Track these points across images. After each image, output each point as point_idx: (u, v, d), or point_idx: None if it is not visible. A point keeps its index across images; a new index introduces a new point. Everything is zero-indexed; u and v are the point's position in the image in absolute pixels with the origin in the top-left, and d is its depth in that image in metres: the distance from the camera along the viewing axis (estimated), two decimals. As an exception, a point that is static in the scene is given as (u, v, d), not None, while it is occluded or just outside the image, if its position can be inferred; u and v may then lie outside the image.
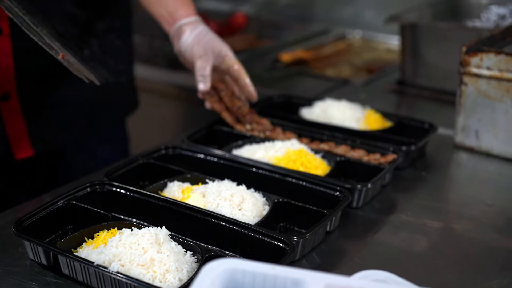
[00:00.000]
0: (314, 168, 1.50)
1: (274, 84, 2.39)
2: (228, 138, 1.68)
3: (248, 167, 1.47)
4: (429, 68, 2.25)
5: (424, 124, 1.77)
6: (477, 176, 1.71)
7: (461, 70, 1.75)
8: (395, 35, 2.50)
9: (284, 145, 1.56)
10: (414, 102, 2.25)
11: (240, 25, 3.06)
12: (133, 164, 1.49)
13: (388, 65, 2.58)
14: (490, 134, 1.74)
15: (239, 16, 3.10)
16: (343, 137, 1.68)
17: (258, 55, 2.70)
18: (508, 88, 1.68)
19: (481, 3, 2.63)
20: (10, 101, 1.70)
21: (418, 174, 1.65)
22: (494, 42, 1.85)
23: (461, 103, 1.77)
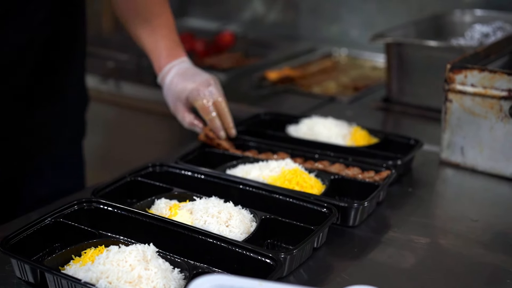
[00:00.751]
0: (310, 187, 1.50)
1: (261, 101, 2.41)
2: (221, 159, 1.68)
3: (236, 184, 1.48)
4: (414, 85, 2.27)
5: (410, 140, 1.78)
6: (463, 192, 1.73)
7: (446, 87, 1.77)
8: (381, 53, 2.53)
9: (278, 165, 1.56)
10: (400, 119, 2.27)
11: (227, 43, 3.08)
12: (121, 182, 1.49)
13: (374, 83, 2.60)
14: (475, 150, 1.76)
15: (226, 34, 3.12)
16: (333, 154, 1.68)
17: (245, 73, 2.71)
18: (492, 105, 1.70)
19: (465, 21, 2.66)
20: None
21: (404, 190, 1.66)
22: (478, 59, 1.88)
23: (446, 120, 1.79)
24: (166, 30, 1.81)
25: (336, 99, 2.43)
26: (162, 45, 1.79)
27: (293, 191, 1.46)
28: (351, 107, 2.34)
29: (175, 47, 1.81)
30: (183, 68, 1.78)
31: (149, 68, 2.80)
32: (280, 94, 2.51)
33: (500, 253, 1.39)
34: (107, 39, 3.35)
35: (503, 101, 1.68)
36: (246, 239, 1.27)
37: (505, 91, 1.68)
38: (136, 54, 2.91)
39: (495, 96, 1.69)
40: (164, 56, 1.79)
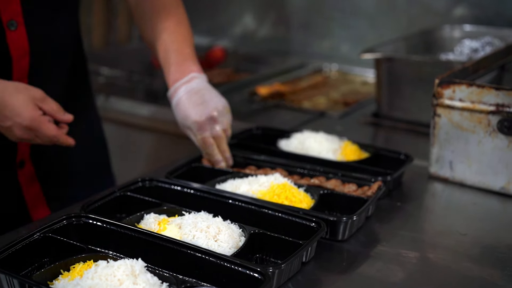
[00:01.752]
0: (299, 202, 1.51)
1: (252, 117, 2.41)
2: (210, 174, 1.68)
3: (225, 199, 1.48)
4: (404, 100, 2.28)
5: (400, 155, 1.79)
6: (451, 206, 1.73)
7: (434, 102, 1.78)
8: (371, 68, 2.54)
9: (268, 179, 1.57)
10: (390, 134, 2.28)
11: (218, 59, 3.10)
12: (110, 197, 1.49)
13: (364, 98, 2.62)
14: (464, 164, 1.77)
15: (217, 50, 3.14)
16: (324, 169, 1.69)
17: (236, 88, 2.72)
18: (480, 119, 1.72)
19: (454, 37, 2.69)
20: (25, 168, 1.76)
21: (394, 204, 1.66)
22: (466, 74, 1.89)
23: (435, 135, 1.80)
24: (176, 44, 1.75)
25: (327, 114, 2.44)
26: (171, 59, 1.74)
27: (282, 205, 1.47)
28: (342, 122, 2.36)
29: (183, 62, 1.74)
30: (191, 88, 1.71)
31: (140, 84, 2.83)
32: (271, 109, 2.52)
33: (488, 267, 1.39)
34: (97, 55, 3.36)
35: (491, 116, 1.70)
36: (235, 253, 1.27)
37: (493, 105, 1.69)
38: (127, 69, 2.92)
39: (483, 110, 1.71)
40: (172, 72, 1.73)
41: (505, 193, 1.71)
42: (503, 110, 1.67)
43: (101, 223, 1.35)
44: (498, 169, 1.72)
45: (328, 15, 3.19)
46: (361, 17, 3.10)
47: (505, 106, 1.67)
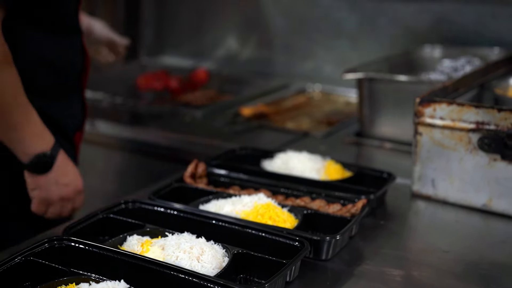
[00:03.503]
0: (283, 222, 1.51)
1: (235, 138, 2.42)
2: (194, 194, 1.68)
3: (208, 220, 1.48)
4: (386, 119, 2.30)
5: (383, 173, 1.80)
6: (434, 223, 1.74)
7: (416, 120, 1.80)
8: (354, 88, 2.56)
9: (251, 199, 1.57)
10: (372, 153, 2.29)
11: (201, 80, 3.11)
12: (93, 219, 1.49)
13: (347, 118, 2.63)
14: (446, 182, 1.78)
15: (200, 71, 3.15)
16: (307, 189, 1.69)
17: (220, 110, 2.73)
18: (461, 137, 1.73)
19: (435, 56, 2.72)
20: None
21: (377, 222, 1.67)
22: (446, 93, 1.91)
23: (416, 153, 1.81)
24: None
25: (310, 134, 2.45)
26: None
27: (265, 225, 1.47)
28: (325, 142, 2.37)
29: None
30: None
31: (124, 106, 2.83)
32: (255, 130, 2.52)
33: (472, 284, 1.40)
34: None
35: (472, 133, 1.71)
36: (218, 274, 1.27)
37: (473, 123, 1.71)
38: (110, 92, 2.92)
39: (464, 128, 1.72)
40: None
41: (487, 210, 1.73)
42: (483, 127, 1.69)
43: (83, 246, 1.34)
44: (479, 186, 1.73)
45: (311, 36, 3.22)
46: (343, 38, 3.13)
47: (485, 123, 1.69)
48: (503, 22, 2.75)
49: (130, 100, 2.87)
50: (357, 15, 3.08)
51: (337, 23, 3.14)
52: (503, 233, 1.66)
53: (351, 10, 3.09)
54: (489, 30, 2.79)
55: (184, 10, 3.65)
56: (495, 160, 1.69)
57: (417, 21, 2.94)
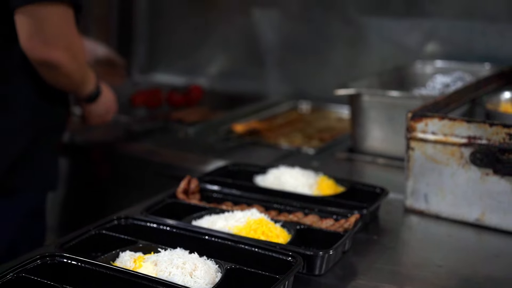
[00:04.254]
0: (276, 237, 1.51)
1: (228, 154, 2.42)
2: (187, 210, 1.68)
3: (200, 235, 1.48)
4: (379, 135, 2.31)
5: (375, 188, 1.81)
6: (427, 238, 1.74)
7: (408, 136, 1.80)
8: (346, 105, 2.57)
9: (244, 215, 1.57)
10: (365, 168, 2.29)
11: (197, 97, 3.12)
12: (85, 235, 1.48)
13: (339, 134, 2.64)
14: (438, 197, 1.78)
15: (195, 88, 3.15)
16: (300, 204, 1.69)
17: (212, 127, 2.74)
18: (453, 152, 1.74)
19: (426, 72, 2.74)
20: None
21: (370, 237, 1.67)
22: (438, 108, 1.92)
23: (409, 168, 1.82)
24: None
25: (303, 150, 2.45)
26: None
27: (258, 240, 1.46)
28: (317, 158, 2.37)
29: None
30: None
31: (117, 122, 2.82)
32: (247, 146, 2.53)
33: (465, 298, 1.40)
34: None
35: (464, 148, 1.72)
36: (211, 289, 1.27)
37: (465, 138, 1.72)
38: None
39: (456, 143, 1.73)
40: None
41: (480, 225, 1.73)
42: (475, 142, 1.70)
43: (75, 262, 1.33)
44: (472, 201, 1.73)
45: (303, 52, 3.23)
46: (335, 54, 3.15)
47: (476, 138, 1.70)
48: (492, 38, 2.78)
49: (123, 116, 2.87)
50: (348, 31, 3.10)
51: (329, 39, 3.16)
52: (496, 247, 1.66)
53: (343, 26, 3.11)
54: (479, 46, 2.81)
55: (176, 28, 3.67)
56: (487, 174, 1.70)
57: (408, 37, 2.96)
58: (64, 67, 1.98)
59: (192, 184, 1.77)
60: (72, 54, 1.99)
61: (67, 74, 2.02)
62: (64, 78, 2.03)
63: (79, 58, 2.04)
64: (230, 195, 1.77)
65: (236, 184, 1.82)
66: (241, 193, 1.77)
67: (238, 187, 1.81)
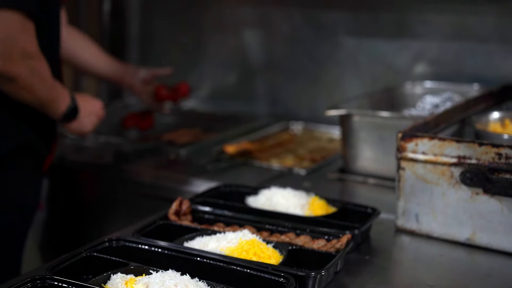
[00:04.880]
0: (268, 258, 1.51)
1: (220, 175, 2.42)
2: (178, 231, 1.67)
3: (192, 257, 1.47)
4: (369, 155, 2.32)
5: (367, 209, 1.81)
6: (419, 258, 1.75)
7: (398, 156, 1.81)
8: (336, 126, 2.58)
9: (236, 236, 1.57)
10: (356, 189, 2.30)
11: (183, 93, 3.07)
12: (76, 258, 1.47)
13: (330, 154, 2.65)
14: (430, 217, 1.79)
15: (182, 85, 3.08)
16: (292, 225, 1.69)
17: (204, 148, 2.74)
18: (443, 172, 1.75)
19: (416, 93, 2.76)
20: None
21: (362, 258, 1.67)
22: (428, 128, 1.94)
23: (400, 188, 1.83)
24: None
25: (294, 171, 2.46)
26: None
27: (250, 261, 1.46)
28: (309, 178, 2.38)
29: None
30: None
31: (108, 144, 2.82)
32: (239, 167, 2.53)
33: (457, 317, 1.40)
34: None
35: (454, 168, 1.73)
36: (203, 311, 1.26)
37: (454, 157, 1.73)
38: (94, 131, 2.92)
39: (446, 163, 1.74)
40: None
41: (471, 244, 1.74)
42: (465, 162, 1.71)
43: (66, 285, 1.33)
44: (463, 221, 1.74)
45: (294, 74, 3.25)
46: (326, 75, 3.17)
47: (466, 158, 1.71)
48: (481, 59, 2.81)
49: (114, 138, 2.87)
50: (339, 52, 3.12)
51: (319, 60, 3.18)
52: (487, 266, 1.66)
53: (333, 47, 3.13)
54: (468, 67, 2.84)
55: (168, 50, 3.69)
56: (478, 194, 1.71)
57: (398, 58, 2.99)
58: (21, 81, 1.91)
59: (183, 205, 1.77)
60: (30, 67, 1.92)
61: (28, 89, 1.95)
62: (26, 93, 1.97)
63: (40, 72, 1.97)
64: (222, 216, 1.77)
65: (228, 205, 1.83)
66: (233, 214, 1.77)
67: (230, 208, 1.81)
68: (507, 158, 1.65)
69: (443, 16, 2.86)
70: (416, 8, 2.91)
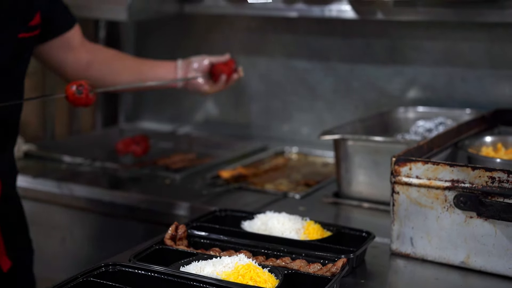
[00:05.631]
0: (264, 282, 1.51)
1: (215, 200, 2.43)
2: (175, 256, 1.68)
3: (188, 281, 1.48)
4: (364, 179, 2.33)
5: (362, 232, 1.82)
6: (414, 281, 1.75)
7: (392, 180, 1.83)
8: (331, 150, 2.60)
9: (232, 260, 1.58)
10: (351, 213, 2.31)
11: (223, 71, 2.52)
12: (72, 283, 1.48)
13: (325, 179, 2.67)
14: (424, 240, 1.80)
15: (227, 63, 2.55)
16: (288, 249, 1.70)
17: (199, 173, 2.75)
18: (437, 195, 1.77)
19: (409, 118, 2.79)
20: None
21: (357, 281, 1.68)
22: (422, 152, 1.96)
23: (394, 211, 1.84)
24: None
25: (289, 195, 2.47)
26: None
27: (246, 286, 1.47)
28: (304, 203, 2.39)
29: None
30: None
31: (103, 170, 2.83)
32: (234, 192, 2.54)
33: None
34: (60, 143, 3.38)
35: (447, 191, 1.75)
36: (201, 335, 1.26)
37: (448, 181, 1.75)
38: (89, 157, 2.93)
39: (440, 186, 1.76)
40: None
41: (466, 267, 1.75)
42: (458, 185, 1.73)
43: (63, 310, 1.33)
44: (457, 244, 1.75)
45: (287, 99, 3.28)
46: (319, 100, 3.20)
47: (460, 181, 1.73)
48: (472, 84, 2.84)
49: (109, 164, 2.88)
50: (332, 78, 3.16)
51: (313, 86, 3.21)
52: (482, 290, 1.68)
53: (326, 73, 3.17)
54: (459, 92, 2.88)
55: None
56: (471, 217, 1.73)
57: (390, 84, 3.02)
58: None
59: (179, 230, 1.78)
60: None
61: None
62: None
63: None
64: (218, 241, 1.78)
65: (223, 230, 1.83)
66: (228, 238, 1.78)
67: (225, 232, 1.82)
68: (500, 182, 1.67)
69: (434, 42, 2.91)
70: (407, 35, 2.96)
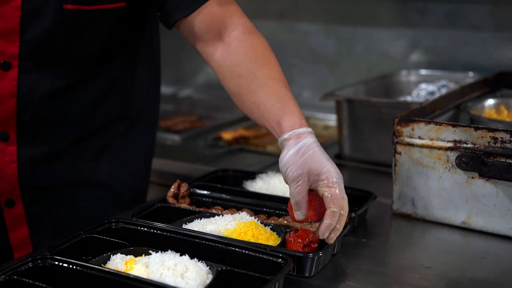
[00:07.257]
0: (266, 240, 1.52)
1: (216, 161, 2.43)
2: (177, 214, 1.69)
3: (191, 238, 1.49)
4: (365, 141, 2.33)
5: (363, 193, 1.83)
6: (415, 241, 1.76)
7: (394, 140, 1.83)
8: (332, 113, 2.60)
9: (234, 218, 1.58)
10: (353, 174, 2.32)
11: None
12: (76, 239, 1.48)
13: (326, 141, 2.66)
14: (425, 200, 1.81)
15: None
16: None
17: (200, 135, 2.76)
18: (439, 156, 1.77)
19: (411, 81, 2.78)
20: (15, 208, 1.75)
21: (359, 240, 1.69)
22: (424, 114, 1.95)
23: (396, 172, 1.84)
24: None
25: (290, 157, 2.46)
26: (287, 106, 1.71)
27: (248, 242, 1.48)
28: (305, 164, 2.38)
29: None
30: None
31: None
32: (235, 153, 2.54)
33: (453, 298, 1.42)
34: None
35: (450, 152, 1.75)
36: (203, 290, 1.28)
37: (450, 142, 1.74)
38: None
39: (442, 147, 1.76)
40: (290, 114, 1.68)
41: (466, 227, 1.75)
42: (461, 146, 1.73)
43: (67, 264, 1.34)
44: (458, 204, 1.76)
45: (288, 62, 3.26)
46: (320, 63, 3.18)
47: (462, 142, 1.72)
48: (475, 47, 2.82)
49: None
50: (333, 40, 3.14)
51: (314, 48, 3.19)
52: (482, 249, 1.68)
53: (328, 35, 3.14)
54: (462, 55, 2.86)
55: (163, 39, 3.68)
56: (473, 178, 1.73)
57: (393, 46, 3.00)
58: None
59: (182, 188, 1.78)
60: None
61: None
62: None
63: None
64: (220, 200, 1.78)
65: (225, 189, 1.84)
66: (230, 197, 1.78)
67: (227, 191, 1.82)
68: (502, 142, 1.67)
69: (438, 5, 2.88)
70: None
